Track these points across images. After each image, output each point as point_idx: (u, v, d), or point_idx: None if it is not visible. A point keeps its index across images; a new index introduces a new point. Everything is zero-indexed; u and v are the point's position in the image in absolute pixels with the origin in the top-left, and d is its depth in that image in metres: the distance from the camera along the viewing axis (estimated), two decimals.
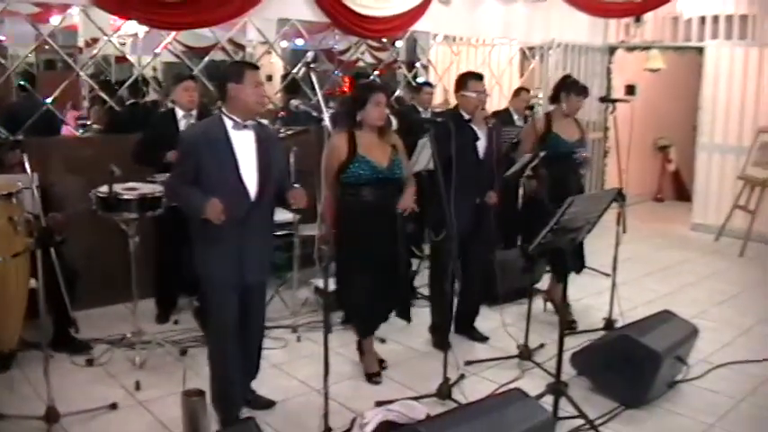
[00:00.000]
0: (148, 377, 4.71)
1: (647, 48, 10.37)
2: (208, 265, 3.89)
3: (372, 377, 4.81)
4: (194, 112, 5.63)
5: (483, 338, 5.56)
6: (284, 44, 9.38)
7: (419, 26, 7.97)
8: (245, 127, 3.87)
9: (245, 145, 3.86)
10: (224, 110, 3.87)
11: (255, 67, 4.02)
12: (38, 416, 3.96)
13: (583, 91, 5.77)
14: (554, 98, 5.85)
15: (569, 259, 4.57)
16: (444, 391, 4.44)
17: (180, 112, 5.62)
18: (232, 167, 3.81)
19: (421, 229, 4.78)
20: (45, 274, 3.93)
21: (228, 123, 3.83)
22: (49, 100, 6.09)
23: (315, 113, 3.96)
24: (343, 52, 9.89)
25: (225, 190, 3.76)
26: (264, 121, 7.38)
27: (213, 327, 4.08)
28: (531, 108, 5.79)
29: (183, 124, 5.56)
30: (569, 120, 5.79)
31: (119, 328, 5.40)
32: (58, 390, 4.05)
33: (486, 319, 5.74)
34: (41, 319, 4.06)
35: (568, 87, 5.76)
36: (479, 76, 5.30)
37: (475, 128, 5.15)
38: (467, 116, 5.13)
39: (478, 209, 5.19)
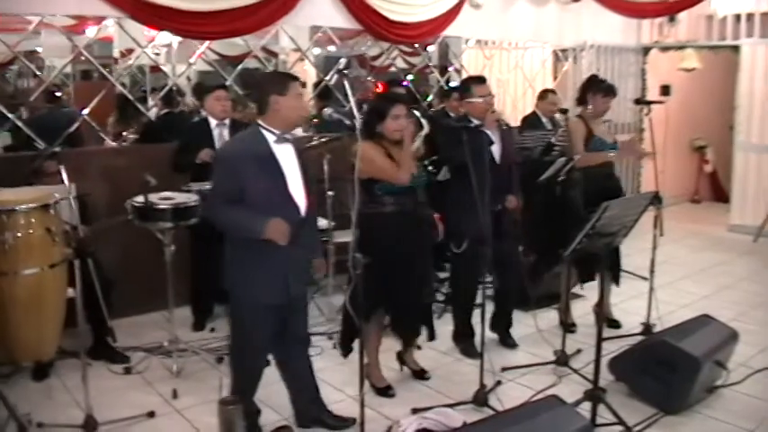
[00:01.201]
0: (185, 385, 4.76)
1: (681, 47, 10.28)
2: (249, 284, 3.76)
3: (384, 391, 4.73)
4: (227, 121, 5.69)
5: (513, 345, 5.51)
6: (317, 51, 9.42)
7: (450, 31, 7.96)
8: (286, 140, 3.77)
9: (288, 159, 3.75)
10: (262, 122, 3.74)
11: (297, 78, 3.92)
12: (76, 424, 4.01)
13: (610, 91, 5.64)
14: (581, 100, 5.74)
15: (604, 264, 4.51)
16: (481, 398, 4.42)
17: (213, 122, 5.68)
18: (281, 184, 3.70)
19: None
20: (83, 283, 3.99)
21: (270, 137, 3.71)
22: (85, 111, 6.17)
23: (348, 121, 3.94)
24: (375, 57, 9.90)
25: (276, 208, 3.65)
26: (298, 129, 7.46)
27: (245, 345, 3.97)
28: (564, 111, 5.71)
29: (216, 133, 5.63)
30: (599, 121, 5.70)
31: (155, 336, 5.47)
32: (95, 398, 4.09)
33: (521, 324, 5.70)
34: (79, 327, 4.11)
35: (595, 88, 5.64)
36: (482, 80, 5.25)
37: (488, 132, 5.04)
38: (476, 122, 5.02)
39: (498, 215, 5.06)
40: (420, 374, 4.96)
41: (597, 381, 4.25)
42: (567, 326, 5.50)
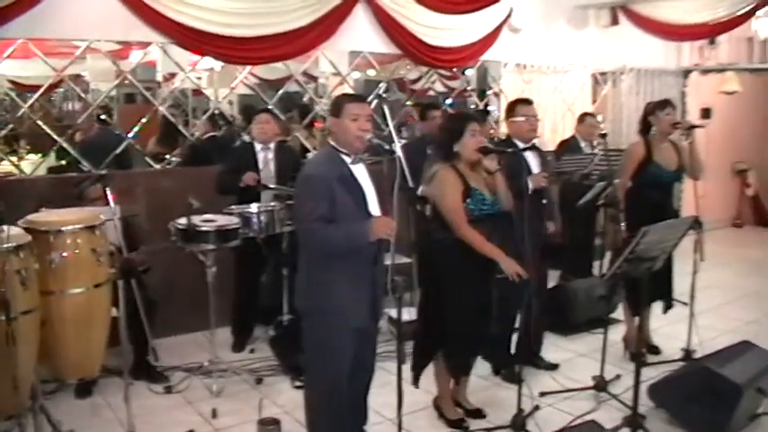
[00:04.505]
0: (225, 405, 4.80)
1: (722, 70, 10.20)
2: (336, 307, 3.65)
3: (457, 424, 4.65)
4: (272, 145, 5.79)
5: (549, 366, 5.46)
6: (356, 75, 9.50)
7: (490, 55, 8.02)
8: (361, 160, 3.71)
9: (364, 178, 3.70)
10: (334, 143, 3.70)
11: (358, 99, 3.82)
12: None
13: (666, 104, 5.52)
14: (645, 129, 5.56)
15: (648, 289, 4.47)
16: (519, 423, 4.38)
17: (258, 145, 5.79)
18: (363, 202, 3.65)
19: None
20: (126, 303, 4.07)
21: (347, 157, 3.66)
22: (131, 134, 6.29)
23: (387, 145, 3.95)
24: (414, 81, 9.96)
25: None
26: None
27: (329, 370, 3.76)
28: (603, 136, 5.68)
29: (261, 157, 5.77)
30: (668, 145, 5.54)
31: (196, 356, 5.52)
32: (137, 416, 4.19)
33: (560, 349, 5.67)
34: (123, 347, 4.18)
35: (651, 110, 5.53)
36: (528, 101, 5.19)
37: (529, 156, 5.00)
38: (521, 144, 4.97)
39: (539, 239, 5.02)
40: (476, 414, 4.77)
41: (636, 407, 4.22)
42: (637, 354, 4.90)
